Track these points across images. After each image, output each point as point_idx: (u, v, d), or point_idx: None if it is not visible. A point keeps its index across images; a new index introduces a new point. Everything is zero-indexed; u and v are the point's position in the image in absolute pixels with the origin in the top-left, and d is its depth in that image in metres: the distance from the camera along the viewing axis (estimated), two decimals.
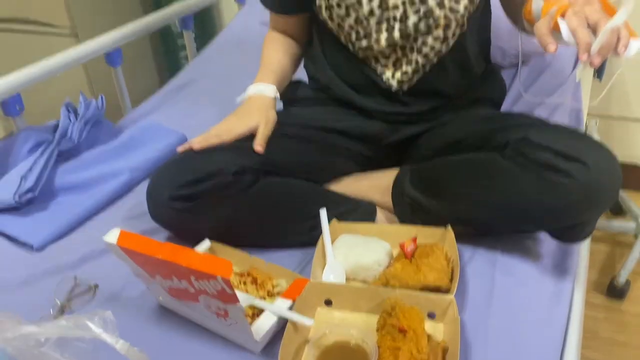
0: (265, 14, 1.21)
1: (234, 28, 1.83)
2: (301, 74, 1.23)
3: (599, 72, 1.57)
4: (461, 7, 0.98)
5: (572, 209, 0.85)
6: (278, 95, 1.13)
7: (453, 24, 1.00)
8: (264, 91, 1.10)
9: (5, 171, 1.18)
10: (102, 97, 1.34)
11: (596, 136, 1.70)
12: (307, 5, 1.08)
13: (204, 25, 2.11)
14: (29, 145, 1.22)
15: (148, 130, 1.34)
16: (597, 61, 0.75)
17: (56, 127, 1.29)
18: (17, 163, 1.19)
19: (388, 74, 1.06)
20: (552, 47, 0.78)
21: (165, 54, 2.28)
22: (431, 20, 0.99)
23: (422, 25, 1.00)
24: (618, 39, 0.75)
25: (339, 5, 1.01)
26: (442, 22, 0.99)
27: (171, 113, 1.48)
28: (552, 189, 0.84)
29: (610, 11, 0.78)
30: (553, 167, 0.84)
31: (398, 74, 1.06)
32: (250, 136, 1.03)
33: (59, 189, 1.16)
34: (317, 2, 1.04)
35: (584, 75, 1.48)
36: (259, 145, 1.01)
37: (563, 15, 0.79)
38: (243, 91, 1.12)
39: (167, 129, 1.35)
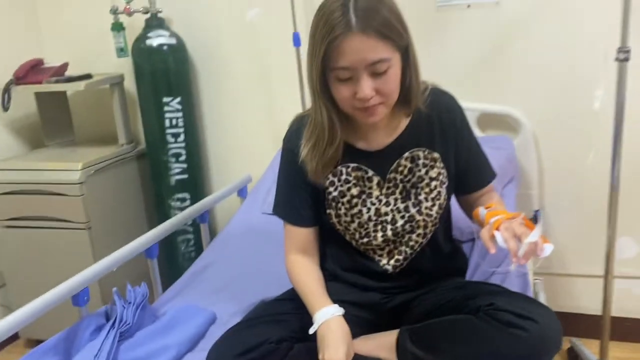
0: (264, 205, 1.45)
1: (238, 219, 2.16)
2: None
3: None
4: (434, 212, 1.37)
5: (529, 354, 1.16)
6: (343, 310, 1.29)
7: (429, 224, 1.38)
8: (334, 313, 1.27)
9: (72, 353, 1.42)
10: (144, 285, 1.63)
11: (542, 293, 2.04)
12: (320, 214, 1.41)
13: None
14: (90, 329, 1.47)
15: (184, 312, 1.61)
16: (523, 261, 1.11)
17: (105, 312, 1.56)
18: (81, 346, 1.43)
19: (384, 261, 1.40)
20: (492, 250, 1.15)
21: (167, 238, 2.54)
22: (413, 223, 1.36)
23: (407, 227, 1.37)
24: (537, 246, 1.11)
25: (345, 214, 1.37)
26: (421, 223, 1.36)
27: (198, 292, 1.75)
28: (514, 341, 1.15)
29: (530, 225, 1.16)
30: (514, 325, 1.15)
31: (392, 261, 1.40)
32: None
33: None
34: (327, 211, 1.39)
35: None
36: None
37: (498, 228, 1.16)
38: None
39: (199, 308, 1.63)
